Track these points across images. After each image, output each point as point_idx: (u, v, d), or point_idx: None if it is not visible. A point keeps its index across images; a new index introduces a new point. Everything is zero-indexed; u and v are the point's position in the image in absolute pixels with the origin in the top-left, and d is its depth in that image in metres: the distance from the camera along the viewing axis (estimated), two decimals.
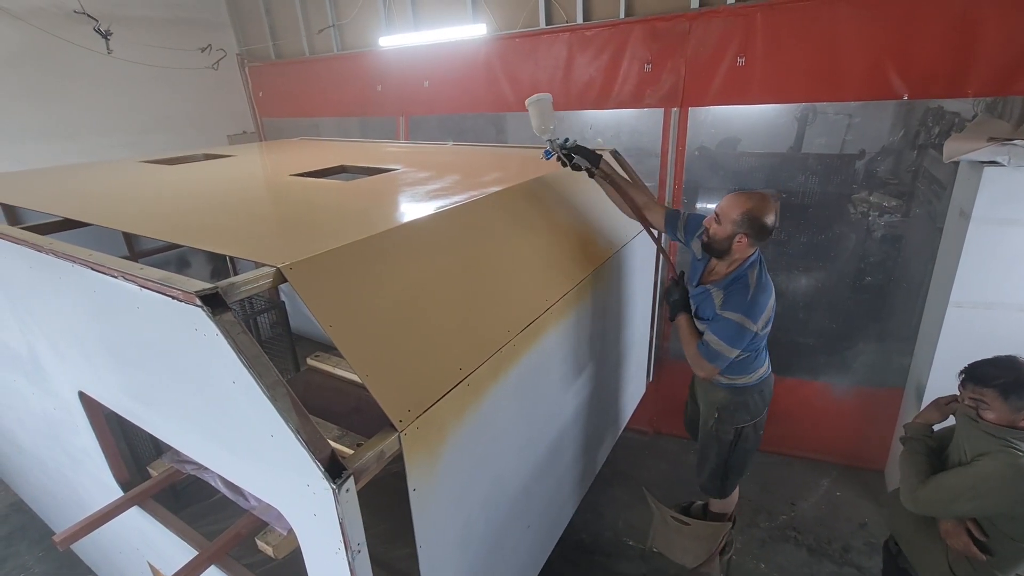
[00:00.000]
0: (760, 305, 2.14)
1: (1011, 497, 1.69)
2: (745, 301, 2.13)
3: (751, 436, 2.50)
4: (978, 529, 1.80)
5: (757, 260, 2.20)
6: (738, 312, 2.12)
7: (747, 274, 2.17)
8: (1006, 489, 1.69)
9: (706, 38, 3.28)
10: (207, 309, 1.12)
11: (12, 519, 3.58)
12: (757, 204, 2.09)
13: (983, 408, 1.78)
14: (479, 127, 4.46)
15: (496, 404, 1.64)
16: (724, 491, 2.64)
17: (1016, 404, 1.71)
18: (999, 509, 1.74)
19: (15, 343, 2.08)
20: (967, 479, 1.78)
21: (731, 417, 2.45)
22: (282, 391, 1.12)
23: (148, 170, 2.92)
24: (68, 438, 2.15)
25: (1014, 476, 1.67)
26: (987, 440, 1.76)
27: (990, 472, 1.72)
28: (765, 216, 2.08)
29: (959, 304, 2.80)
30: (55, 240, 1.61)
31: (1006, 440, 1.72)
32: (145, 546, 2.15)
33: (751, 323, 2.12)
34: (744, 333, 2.13)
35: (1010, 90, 2.74)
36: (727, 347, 2.16)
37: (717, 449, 2.54)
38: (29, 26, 4.15)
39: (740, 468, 2.59)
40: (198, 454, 1.55)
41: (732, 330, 2.13)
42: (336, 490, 1.09)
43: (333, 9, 4.98)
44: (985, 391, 1.77)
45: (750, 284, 2.14)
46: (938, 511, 1.89)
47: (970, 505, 1.78)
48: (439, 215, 1.81)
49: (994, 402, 1.75)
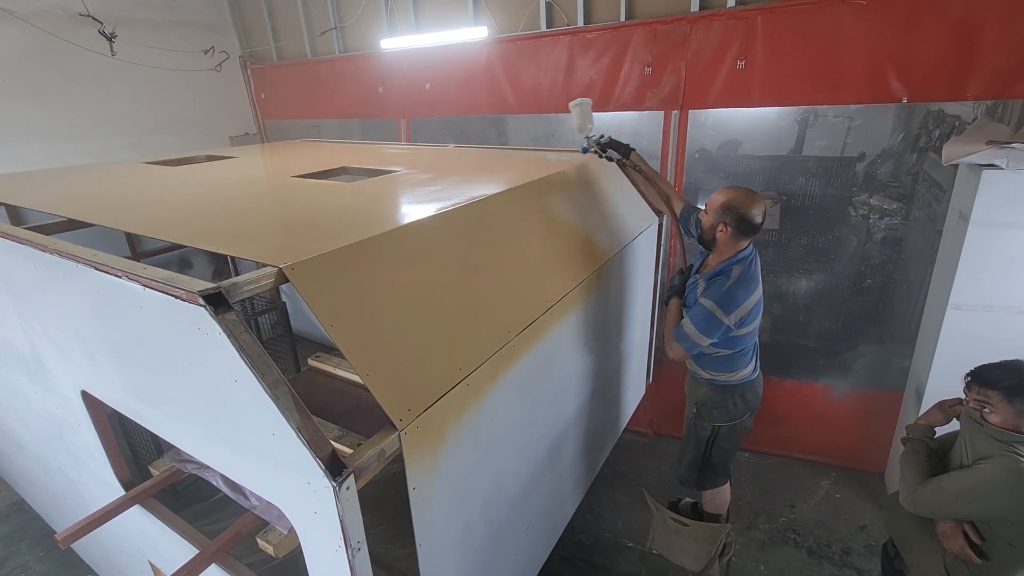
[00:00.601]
0: (735, 298, 2.19)
1: (1011, 502, 1.69)
2: (721, 292, 2.20)
3: (728, 437, 2.55)
4: (975, 533, 1.80)
5: (746, 258, 2.26)
6: (711, 300, 2.20)
7: (732, 268, 2.24)
8: (1006, 494, 1.69)
9: (706, 41, 3.29)
10: (210, 308, 1.13)
11: (13, 519, 3.59)
12: (739, 196, 2.18)
13: (988, 411, 1.78)
14: (480, 129, 4.47)
15: (496, 404, 1.65)
16: (701, 484, 2.69)
17: (1021, 407, 1.72)
18: (998, 513, 1.74)
19: (19, 342, 2.09)
20: (967, 481, 1.78)
21: (709, 414, 2.51)
22: (284, 390, 1.13)
23: (151, 171, 2.94)
24: (70, 437, 2.16)
25: (1015, 481, 1.67)
26: (990, 443, 1.76)
27: (991, 476, 1.72)
28: (746, 209, 2.15)
29: (958, 306, 2.80)
30: (59, 240, 1.63)
31: (1009, 445, 1.73)
32: (146, 545, 2.16)
33: (722, 314, 2.18)
34: (714, 322, 2.20)
35: (1009, 93, 2.75)
36: (696, 332, 2.24)
37: (695, 443, 2.62)
38: (35, 28, 4.18)
39: (718, 467, 2.63)
40: (200, 452, 1.56)
41: (703, 315, 2.21)
42: (336, 488, 1.10)
43: (335, 11, 5.01)
44: (990, 393, 1.77)
45: (731, 277, 2.22)
46: (936, 512, 1.89)
47: (969, 508, 1.78)
48: (440, 216, 1.82)
49: (999, 404, 1.75)
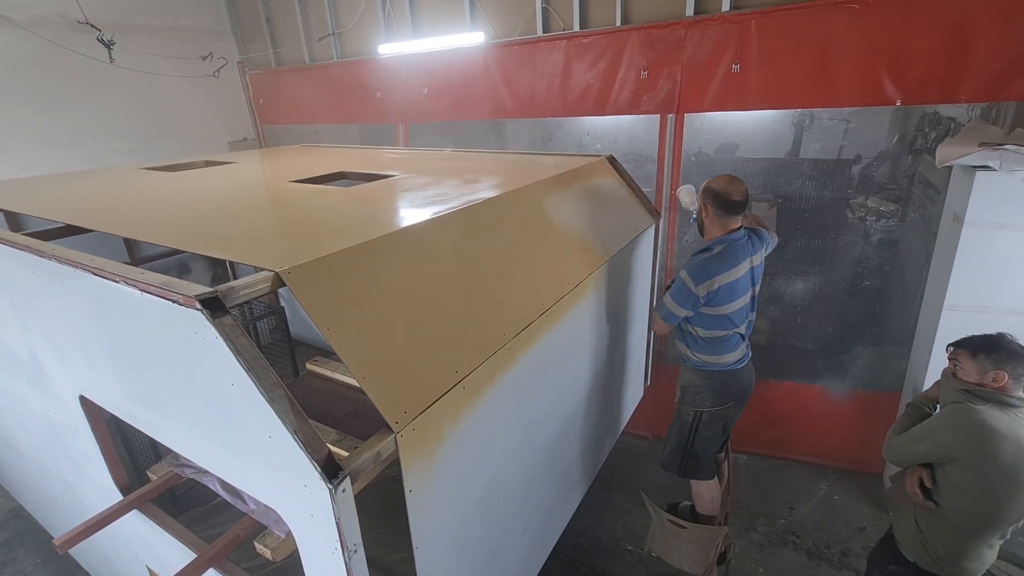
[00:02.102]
0: (707, 270, 2.32)
1: (956, 440, 1.84)
2: (694, 263, 2.36)
3: (710, 425, 2.60)
4: (929, 476, 1.94)
5: (734, 240, 2.37)
6: (685, 271, 2.36)
7: (714, 246, 2.38)
8: (954, 432, 1.86)
9: (702, 45, 3.32)
10: (207, 313, 1.14)
11: (11, 525, 3.58)
12: (718, 179, 2.38)
13: (958, 368, 1.97)
14: (478, 133, 4.49)
15: (492, 406, 1.66)
16: (683, 471, 2.74)
17: (984, 364, 1.88)
18: (946, 450, 1.87)
19: (17, 347, 2.09)
20: (925, 424, 1.99)
21: (692, 399, 2.60)
22: (280, 393, 1.13)
23: (149, 177, 2.95)
24: (69, 442, 2.17)
25: (963, 421, 1.84)
26: (953, 394, 1.96)
27: (944, 416, 1.94)
28: (722, 187, 2.34)
29: (954, 307, 2.82)
30: (57, 246, 1.63)
31: (967, 394, 1.90)
32: (144, 550, 2.16)
33: (692, 283, 2.32)
34: (685, 291, 2.35)
35: (1003, 96, 2.77)
36: (672, 302, 2.41)
37: (678, 427, 2.69)
38: (34, 36, 4.20)
39: (700, 456, 2.67)
40: (198, 456, 1.57)
41: (678, 286, 2.39)
42: (333, 490, 1.10)
43: (333, 17, 5.03)
44: (959, 351, 1.97)
45: (711, 252, 2.36)
46: (902, 456, 2.05)
47: (923, 446, 1.96)
48: (437, 220, 1.83)
49: (965, 361, 1.94)
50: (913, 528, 2.02)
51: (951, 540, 1.92)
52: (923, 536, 1.98)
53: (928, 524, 1.98)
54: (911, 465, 2.02)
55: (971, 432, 1.80)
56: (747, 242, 2.42)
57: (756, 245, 2.48)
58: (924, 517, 1.99)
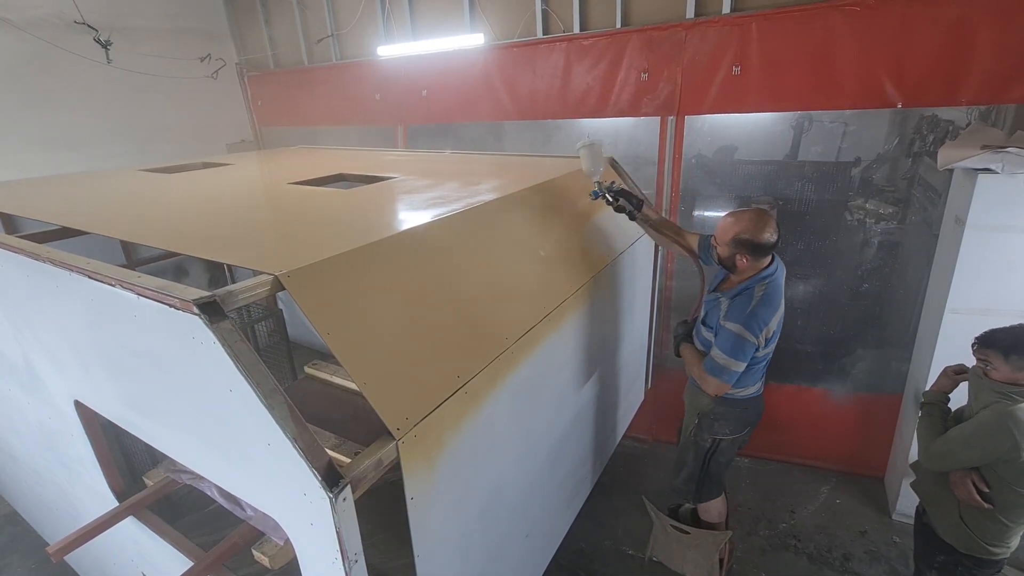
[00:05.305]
0: (760, 318, 2.16)
1: (1005, 442, 1.84)
2: (745, 313, 2.16)
3: (727, 451, 2.54)
4: (981, 479, 1.95)
5: (770, 275, 2.22)
6: (737, 323, 2.16)
7: (754, 287, 2.20)
8: (998, 435, 1.86)
9: (702, 47, 3.31)
10: (204, 317, 1.12)
11: (5, 531, 3.54)
12: (746, 226, 2.14)
13: (990, 368, 1.95)
14: (478, 135, 4.47)
15: (494, 412, 1.64)
16: (698, 496, 2.67)
17: (1017, 364, 1.88)
18: (996, 455, 1.88)
19: (11, 352, 2.07)
20: (968, 428, 1.97)
21: (711, 426, 2.48)
22: (279, 399, 1.11)
23: (147, 179, 2.92)
24: (63, 448, 2.14)
25: (1003, 421, 1.85)
26: (990, 395, 1.94)
27: (987, 419, 1.91)
28: (756, 235, 2.13)
29: (955, 310, 2.81)
30: (52, 248, 1.61)
31: (1005, 394, 1.90)
32: (140, 557, 2.13)
33: (750, 335, 2.15)
34: (744, 344, 2.16)
35: (1003, 98, 2.77)
36: (730, 359, 2.18)
37: (694, 454, 2.58)
38: (31, 37, 4.17)
39: (714, 479, 2.61)
40: (194, 463, 1.54)
41: (731, 341, 2.17)
42: (333, 499, 1.08)
43: (332, 19, 5.02)
44: (989, 352, 1.95)
45: (754, 296, 2.18)
46: (947, 463, 2.04)
47: (971, 453, 1.94)
48: (437, 223, 1.81)
49: (996, 361, 1.92)
50: (957, 521, 2.06)
51: (1000, 532, 1.98)
52: (969, 530, 2.03)
53: (975, 519, 2.01)
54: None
55: (1022, 430, 1.83)
56: (780, 269, 2.27)
57: (781, 268, 2.31)
58: (971, 513, 2.02)
